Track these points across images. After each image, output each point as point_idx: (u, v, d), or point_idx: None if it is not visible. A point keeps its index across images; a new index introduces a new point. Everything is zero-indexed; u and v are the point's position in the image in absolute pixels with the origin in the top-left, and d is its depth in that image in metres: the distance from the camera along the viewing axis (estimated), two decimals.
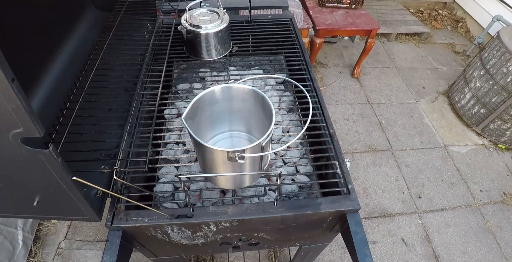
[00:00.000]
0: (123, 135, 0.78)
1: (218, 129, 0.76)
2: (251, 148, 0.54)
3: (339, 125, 2.19)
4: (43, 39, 0.82)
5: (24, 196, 0.56)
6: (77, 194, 0.55)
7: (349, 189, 0.73)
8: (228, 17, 1.00)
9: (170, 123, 0.95)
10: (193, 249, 0.83)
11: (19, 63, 0.71)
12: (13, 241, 1.43)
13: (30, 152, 0.44)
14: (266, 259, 1.55)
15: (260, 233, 0.78)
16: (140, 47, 1.04)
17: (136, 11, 1.13)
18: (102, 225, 1.66)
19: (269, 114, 0.61)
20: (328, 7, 2.37)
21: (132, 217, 0.67)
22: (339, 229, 0.80)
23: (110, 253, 0.64)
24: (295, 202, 0.70)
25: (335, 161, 0.79)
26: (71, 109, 0.78)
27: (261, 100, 0.63)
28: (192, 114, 0.61)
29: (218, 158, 0.58)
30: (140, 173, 0.74)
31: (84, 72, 0.89)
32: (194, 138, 0.55)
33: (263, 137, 0.54)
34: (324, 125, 0.87)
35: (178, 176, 0.60)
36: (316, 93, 0.95)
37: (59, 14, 0.89)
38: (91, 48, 0.96)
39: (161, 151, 0.87)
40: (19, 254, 1.44)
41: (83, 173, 0.61)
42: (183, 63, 1.16)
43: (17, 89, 0.36)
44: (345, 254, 1.61)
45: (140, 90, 0.91)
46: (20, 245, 1.45)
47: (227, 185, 0.69)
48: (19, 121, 0.39)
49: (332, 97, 2.39)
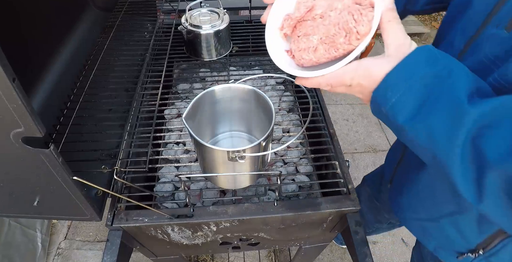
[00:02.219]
0: (123, 134, 0.78)
1: (218, 129, 0.76)
2: (251, 147, 0.54)
3: (339, 125, 2.19)
4: (43, 39, 0.82)
5: (25, 195, 0.56)
6: (78, 194, 0.55)
7: (349, 189, 0.73)
8: (228, 17, 1.00)
9: (170, 124, 0.95)
10: (193, 249, 0.84)
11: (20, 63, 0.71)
12: (34, 244, 1.45)
13: (31, 152, 0.44)
14: (266, 259, 1.55)
15: (260, 233, 0.78)
16: (140, 47, 1.04)
17: (136, 11, 1.14)
18: (102, 225, 1.66)
19: (269, 114, 0.61)
20: None
21: (133, 217, 0.67)
22: (339, 229, 0.81)
23: (110, 253, 0.64)
24: (295, 202, 0.70)
25: (335, 161, 0.79)
26: (72, 109, 0.78)
27: (261, 100, 0.64)
28: (192, 114, 0.61)
29: (219, 157, 0.58)
30: (140, 172, 0.74)
31: (85, 72, 0.89)
32: (194, 138, 0.55)
33: (263, 137, 0.54)
34: (324, 125, 0.87)
35: (178, 176, 0.60)
36: (316, 93, 0.95)
37: (59, 14, 0.89)
38: (91, 48, 0.96)
39: (161, 151, 0.87)
40: (39, 256, 1.45)
41: (83, 172, 0.61)
42: (183, 63, 1.16)
43: (18, 89, 0.36)
44: (345, 254, 1.61)
45: (140, 90, 0.91)
46: (39, 248, 1.47)
47: (227, 185, 0.69)
48: (20, 121, 0.39)
49: (332, 97, 2.39)
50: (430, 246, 0.65)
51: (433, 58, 0.35)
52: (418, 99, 0.35)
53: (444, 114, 0.34)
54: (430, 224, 0.62)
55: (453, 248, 0.60)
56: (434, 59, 0.35)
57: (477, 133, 0.32)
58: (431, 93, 0.34)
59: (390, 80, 0.36)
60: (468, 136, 0.33)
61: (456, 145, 0.33)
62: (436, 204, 0.59)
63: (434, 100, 0.34)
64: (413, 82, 0.34)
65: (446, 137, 0.34)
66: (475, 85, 0.35)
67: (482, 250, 0.54)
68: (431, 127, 0.34)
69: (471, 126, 0.32)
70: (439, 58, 0.35)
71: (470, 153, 0.33)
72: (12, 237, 1.33)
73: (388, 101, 0.36)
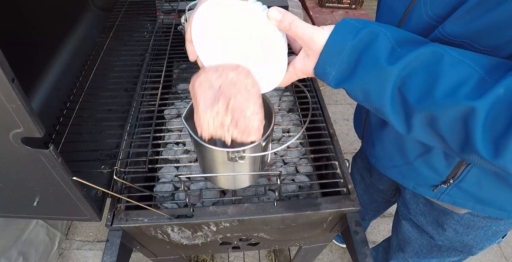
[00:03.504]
0: (123, 135, 0.78)
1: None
2: (251, 148, 0.54)
3: (339, 125, 2.19)
4: (43, 39, 0.82)
5: (24, 196, 0.56)
6: (77, 194, 0.55)
7: (349, 189, 0.73)
8: None
9: (170, 124, 0.95)
10: (193, 249, 0.84)
11: (19, 63, 0.71)
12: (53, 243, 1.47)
13: (30, 152, 0.44)
14: (266, 259, 1.55)
15: (260, 233, 0.78)
16: (140, 47, 1.04)
17: (136, 11, 1.14)
18: (102, 225, 1.66)
19: (269, 114, 0.61)
20: (328, 7, 2.37)
21: (132, 217, 0.67)
22: (339, 229, 0.81)
23: (110, 253, 0.64)
24: (295, 202, 0.70)
25: (335, 161, 0.79)
26: (71, 110, 0.78)
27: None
28: (192, 114, 0.61)
29: (218, 158, 0.58)
30: (140, 173, 0.74)
31: (84, 72, 0.89)
32: (194, 138, 0.55)
33: (263, 137, 0.54)
34: (324, 125, 0.87)
35: (178, 176, 0.60)
36: (316, 93, 0.95)
37: (59, 14, 0.89)
38: (91, 48, 0.96)
39: (161, 151, 0.87)
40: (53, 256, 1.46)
41: (83, 173, 0.61)
42: (183, 63, 1.16)
43: (18, 89, 0.36)
44: (345, 254, 1.61)
45: (140, 90, 0.91)
46: (55, 247, 1.48)
47: (227, 185, 0.69)
48: (20, 121, 0.39)
49: (332, 97, 2.39)
50: (410, 186, 0.73)
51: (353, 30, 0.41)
52: (349, 68, 0.42)
53: (371, 76, 0.41)
54: (406, 167, 0.70)
55: (428, 183, 0.69)
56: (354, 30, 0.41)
57: (401, 83, 0.39)
58: (357, 60, 0.41)
59: (323, 59, 0.43)
60: (394, 88, 0.40)
61: (386, 98, 0.40)
62: (407, 150, 0.67)
63: (361, 65, 0.41)
64: (342, 56, 0.41)
65: (378, 93, 0.41)
66: (394, 40, 0.40)
67: (452, 179, 0.63)
68: (364, 88, 0.42)
69: (394, 79, 0.39)
70: (359, 28, 0.41)
71: (398, 99, 0.40)
72: (36, 235, 1.33)
73: (328, 75, 0.44)
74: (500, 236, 0.76)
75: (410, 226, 0.89)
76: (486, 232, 0.74)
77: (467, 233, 0.75)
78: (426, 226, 0.82)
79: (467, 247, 0.79)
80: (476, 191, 0.63)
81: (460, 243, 0.79)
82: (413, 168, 0.68)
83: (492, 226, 0.72)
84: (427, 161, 0.65)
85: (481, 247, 0.79)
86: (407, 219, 0.89)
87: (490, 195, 0.62)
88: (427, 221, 0.81)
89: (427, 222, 0.82)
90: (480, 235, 0.75)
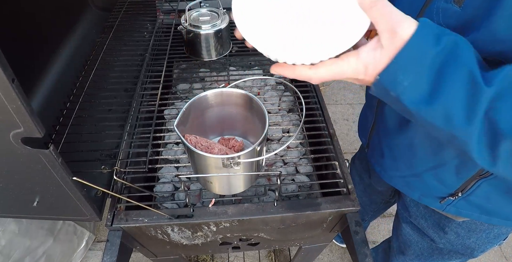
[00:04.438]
0: (123, 135, 0.78)
1: (211, 135, 0.75)
2: (246, 153, 0.53)
3: (339, 125, 2.19)
4: (43, 39, 0.82)
5: (24, 196, 0.56)
6: (77, 194, 0.55)
7: (349, 189, 0.73)
8: (228, 17, 1.00)
9: (170, 124, 0.95)
10: (193, 249, 0.84)
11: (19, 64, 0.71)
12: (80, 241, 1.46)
13: (30, 152, 0.44)
14: (266, 259, 1.55)
15: (260, 233, 0.78)
16: (140, 47, 1.04)
17: (136, 11, 1.14)
18: (102, 225, 1.66)
19: (262, 118, 0.60)
20: None
21: (132, 217, 0.67)
22: (339, 229, 0.81)
23: (110, 253, 0.64)
24: (295, 202, 0.70)
25: (335, 161, 0.79)
26: (71, 110, 0.78)
27: (254, 104, 0.62)
28: (184, 121, 0.60)
29: (212, 165, 0.57)
30: (140, 173, 0.74)
31: (84, 72, 0.89)
32: (186, 145, 0.55)
33: (258, 142, 0.54)
34: (324, 125, 0.87)
35: (178, 176, 0.60)
36: (316, 93, 0.95)
37: (59, 14, 0.89)
38: (91, 48, 0.96)
39: (161, 151, 0.87)
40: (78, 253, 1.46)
41: (83, 173, 0.61)
42: (183, 63, 1.16)
43: (18, 89, 0.36)
44: (345, 254, 1.61)
45: (140, 90, 0.91)
46: (82, 244, 1.48)
47: (223, 191, 0.69)
48: (20, 121, 0.39)
49: (332, 97, 2.39)
50: (415, 196, 0.71)
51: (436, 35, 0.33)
52: (432, 81, 0.33)
53: (460, 94, 0.33)
54: (413, 179, 0.68)
55: (435, 195, 0.67)
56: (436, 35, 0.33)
57: (489, 106, 0.33)
58: (443, 73, 0.33)
59: (399, 63, 0.34)
60: (484, 111, 0.33)
61: (474, 123, 0.33)
62: (418, 162, 0.64)
63: (448, 80, 0.33)
64: (424, 63, 0.33)
65: (465, 117, 0.33)
66: (477, 55, 0.34)
67: (460, 192, 0.61)
68: (447, 109, 0.33)
69: (488, 101, 0.32)
70: (440, 34, 0.33)
71: (485, 125, 0.33)
72: (64, 234, 1.33)
73: (399, 85, 0.34)
74: (502, 239, 0.76)
75: (410, 229, 0.88)
76: (488, 235, 0.73)
77: (469, 236, 0.74)
78: (427, 229, 0.82)
79: (468, 250, 0.78)
80: (483, 203, 0.61)
81: (461, 246, 0.78)
82: (421, 179, 0.66)
83: (494, 229, 0.71)
84: (436, 174, 0.62)
85: (483, 250, 0.78)
86: (408, 222, 0.88)
87: (497, 207, 0.61)
88: (428, 224, 0.80)
89: (428, 225, 0.81)
90: (482, 238, 0.74)
